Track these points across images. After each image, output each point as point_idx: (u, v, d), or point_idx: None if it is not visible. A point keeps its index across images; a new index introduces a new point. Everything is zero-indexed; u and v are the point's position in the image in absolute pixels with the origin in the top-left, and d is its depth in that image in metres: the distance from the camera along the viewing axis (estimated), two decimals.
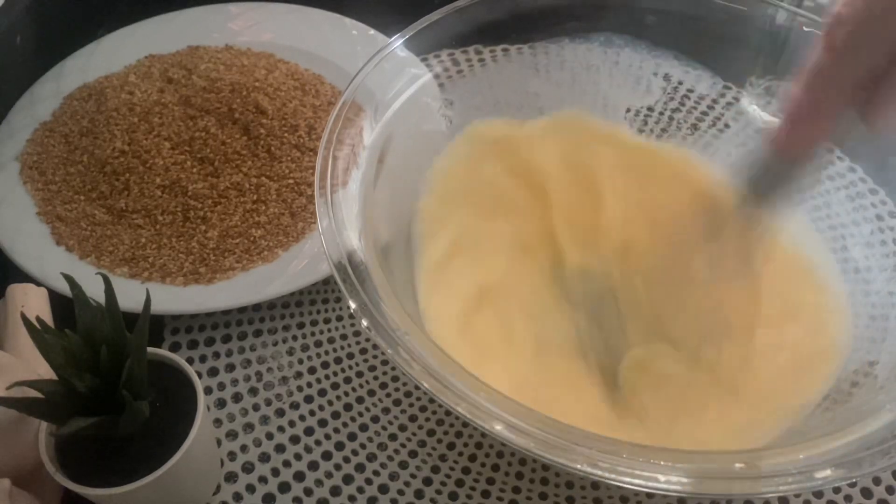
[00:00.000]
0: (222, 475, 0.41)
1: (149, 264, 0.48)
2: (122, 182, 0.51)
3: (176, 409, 0.36)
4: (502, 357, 0.40)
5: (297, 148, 0.54)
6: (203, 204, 0.50)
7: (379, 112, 0.42)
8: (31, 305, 0.42)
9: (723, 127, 0.51)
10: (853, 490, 0.42)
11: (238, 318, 0.48)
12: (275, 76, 0.58)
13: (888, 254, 0.44)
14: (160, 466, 0.34)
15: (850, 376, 0.40)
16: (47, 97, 0.59)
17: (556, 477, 0.42)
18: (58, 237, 0.50)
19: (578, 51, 0.50)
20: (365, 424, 0.43)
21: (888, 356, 0.39)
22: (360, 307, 0.33)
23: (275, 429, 0.43)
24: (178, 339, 0.47)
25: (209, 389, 0.44)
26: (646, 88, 0.52)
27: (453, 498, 0.41)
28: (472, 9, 0.46)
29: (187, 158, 0.52)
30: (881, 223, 0.45)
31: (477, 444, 0.43)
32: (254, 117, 0.54)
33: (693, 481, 0.29)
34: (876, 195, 0.45)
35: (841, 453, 0.31)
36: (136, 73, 0.59)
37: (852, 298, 0.44)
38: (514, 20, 0.48)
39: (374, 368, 0.46)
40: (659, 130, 0.52)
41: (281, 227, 0.50)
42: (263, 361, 0.46)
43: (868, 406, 0.35)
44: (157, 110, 0.55)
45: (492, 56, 0.49)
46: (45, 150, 0.55)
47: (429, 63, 0.46)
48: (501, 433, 0.30)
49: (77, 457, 0.34)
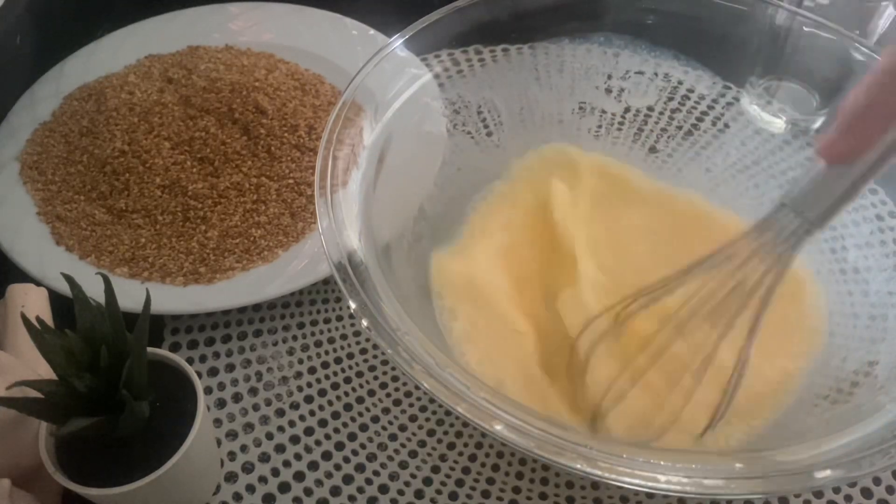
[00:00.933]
0: (222, 475, 0.41)
1: (149, 264, 0.48)
2: (122, 182, 0.51)
3: (176, 409, 0.36)
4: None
5: (297, 148, 0.54)
6: (203, 204, 0.50)
7: (379, 112, 0.42)
8: (31, 305, 0.42)
9: (723, 127, 0.51)
10: (853, 490, 0.42)
11: (238, 318, 0.48)
12: (275, 76, 0.58)
13: (888, 254, 0.44)
14: (160, 466, 0.34)
15: (850, 376, 0.40)
16: (47, 97, 0.59)
17: (556, 477, 0.42)
18: (58, 237, 0.50)
19: (578, 51, 0.51)
20: (365, 424, 0.43)
21: (888, 356, 0.39)
22: (360, 307, 0.34)
23: (275, 429, 0.43)
24: (178, 339, 0.47)
25: (209, 389, 0.44)
26: (646, 88, 0.52)
27: (453, 498, 0.41)
28: (472, 9, 0.46)
29: (187, 158, 0.52)
30: (881, 223, 0.45)
31: (477, 444, 0.43)
32: (254, 117, 0.54)
33: (693, 481, 0.29)
34: (876, 195, 0.46)
35: (841, 453, 0.31)
36: (136, 73, 0.59)
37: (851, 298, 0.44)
38: (514, 20, 0.48)
39: (374, 368, 0.46)
40: (659, 130, 0.52)
41: (281, 227, 0.50)
42: (263, 361, 0.46)
43: (868, 406, 0.35)
44: (157, 110, 0.54)
45: (492, 56, 0.49)
46: (45, 150, 0.55)
47: (429, 63, 0.46)
48: (501, 433, 0.30)
49: (77, 457, 0.34)
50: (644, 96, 0.52)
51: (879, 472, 0.31)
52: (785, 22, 0.48)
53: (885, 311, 0.42)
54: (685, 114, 0.52)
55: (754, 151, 0.51)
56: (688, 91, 0.52)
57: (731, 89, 0.51)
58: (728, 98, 0.51)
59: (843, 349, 0.42)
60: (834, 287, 0.45)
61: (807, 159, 0.49)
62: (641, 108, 0.52)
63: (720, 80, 0.51)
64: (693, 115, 0.52)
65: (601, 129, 0.52)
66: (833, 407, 0.39)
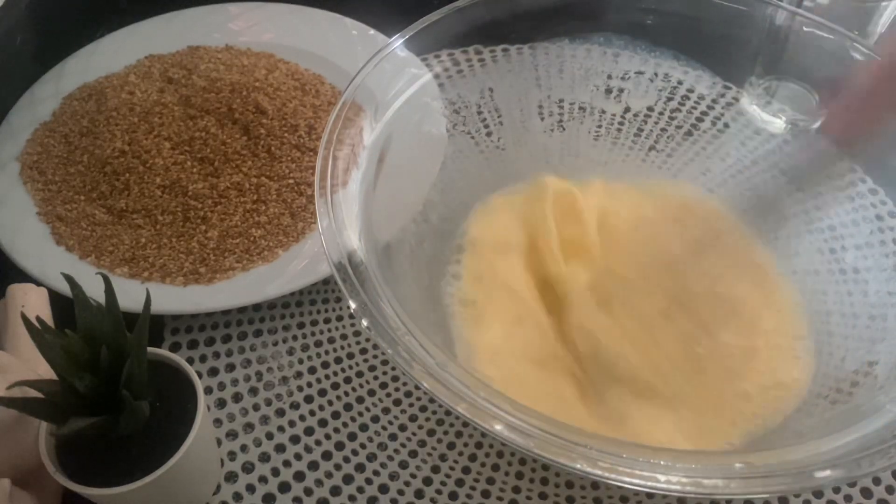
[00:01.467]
0: (222, 475, 0.41)
1: (149, 264, 0.48)
2: (122, 182, 0.51)
3: (176, 409, 0.36)
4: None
5: (297, 148, 0.54)
6: (203, 204, 0.50)
7: (379, 112, 0.42)
8: (31, 305, 0.42)
9: (723, 127, 0.51)
10: (853, 490, 0.42)
11: (238, 318, 0.48)
12: (275, 76, 0.58)
13: (888, 254, 0.44)
14: (160, 466, 0.34)
15: (849, 376, 0.40)
16: (47, 97, 0.59)
17: (556, 477, 0.42)
18: (58, 237, 0.50)
19: (578, 51, 0.51)
20: (365, 424, 0.43)
21: (888, 356, 0.39)
22: (360, 307, 0.34)
23: (275, 429, 0.43)
24: (178, 339, 0.47)
25: (209, 389, 0.44)
26: (645, 89, 0.52)
27: (453, 498, 0.41)
28: (472, 9, 0.46)
29: (187, 158, 0.52)
30: (881, 223, 0.45)
31: (477, 444, 0.43)
32: (254, 117, 0.54)
33: (693, 481, 0.29)
34: (876, 195, 0.46)
35: (841, 453, 0.31)
36: (136, 73, 0.59)
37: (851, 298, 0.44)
38: (514, 20, 0.48)
39: (374, 368, 0.46)
40: (659, 130, 0.52)
41: (281, 227, 0.50)
42: (263, 361, 0.46)
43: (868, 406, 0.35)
44: (157, 110, 0.55)
45: (492, 56, 0.49)
46: (45, 150, 0.55)
47: (429, 63, 0.46)
48: (501, 433, 0.30)
49: (77, 457, 0.34)
50: (644, 97, 0.52)
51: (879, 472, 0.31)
52: (785, 22, 0.48)
53: (884, 311, 0.42)
54: (685, 114, 0.52)
55: (754, 151, 0.51)
56: (688, 91, 0.52)
57: (731, 89, 0.51)
58: (728, 98, 0.51)
59: (842, 349, 0.42)
60: (834, 287, 0.45)
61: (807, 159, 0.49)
62: (641, 108, 0.52)
63: (720, 80, 0.51)
64: (693, 115, 0.52)
65: (601, 129, 0.52)
66: (833, 407, 0.39)
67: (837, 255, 0.46)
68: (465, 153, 0.49)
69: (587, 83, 0.52)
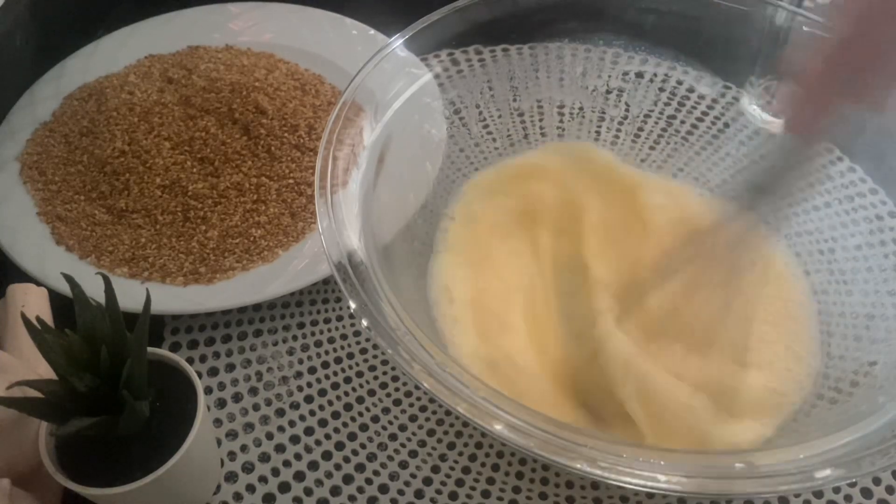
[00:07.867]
0: (222, 475, 0.41)
1: (149, 264, 0.48)
2: (122, 182, 0.51)
3: (176, 409, 0.36)
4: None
5: (297, 148, 0.54)
6: (203, 204, 0.50)
7: (379, 112, 0.42)
8: (31, 305, 0.42)
9: (723, 127, 0.51)
10: (853, 490, 0.42)
11: (238, 318, 0.48)
12: (275, 76, 0.58)
13: (887, 254, 0.44)
14: (160, 466, 0.34)
15: (849, 376, 0.40)
16: (47, 97, 0.59)
17: (556, 477, 0.42)
18: (58, 237, 0.50)
19: (578, 51, 0.51)
20: (365, 424, 0.43)
21: (887, 356, 0.39)
22: (360, 307, 0.34)
23: (275, 429, 0.43)
24: (178, 339, 0.47)
25: (209, 389, 0.44)
26: (645, 89, 0.52)
27: (453, 498, 0.41)
28: (472, 9, 0.46)
29: (187, 158, 0.52)
30: (880, 223, 0.45)
31: (477, 444, 0.43)
32: (254, 117, 0.54)
33: (693, 481, 0.29)
34: (875, 195, 0.46)
35: (841, 453, 0.31)
36: (136, 73, 0.59)
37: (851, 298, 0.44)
38: (514, 20, 0.48)
39: (374, 368, 0.46)
40: (659, 130, 0.52)
41: (281, 227, 0.50)
42: (263, 361, 0.46)
43: (867, 406, 0.35)
44: (157, 110, 0.54)
45: (492, 56, 0.49)
46: (45, 150, 0.55)
47: (429, 63, 0.46)
48: (501, 433, 0.30)
49: (77, 457, 0.34)
50: (644, 97, 0.52)
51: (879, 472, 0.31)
52: (785, 22, 0.48)
53: (884, 311, 0.42)
54: (685, 114, 0.52)
55: (754, 151, 0.51)
56: (688, 91, 0.52)
57: (731, 89, 0.51)
58: (728, 98, 0.51)
59: (842, 349, 0.42)
60: (834, 287, 0.45)
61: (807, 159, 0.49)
62: (641, 108, 0.52)
63: (720, 81, 0.51)
64: (693, 116, 0.52)
65: (601, 129, 0.52)
66: (833, 407, 0.39)
67: (837, 256, 0.46)
68: (466, 153, 0.49)
69: (587, 83, 0.52)
